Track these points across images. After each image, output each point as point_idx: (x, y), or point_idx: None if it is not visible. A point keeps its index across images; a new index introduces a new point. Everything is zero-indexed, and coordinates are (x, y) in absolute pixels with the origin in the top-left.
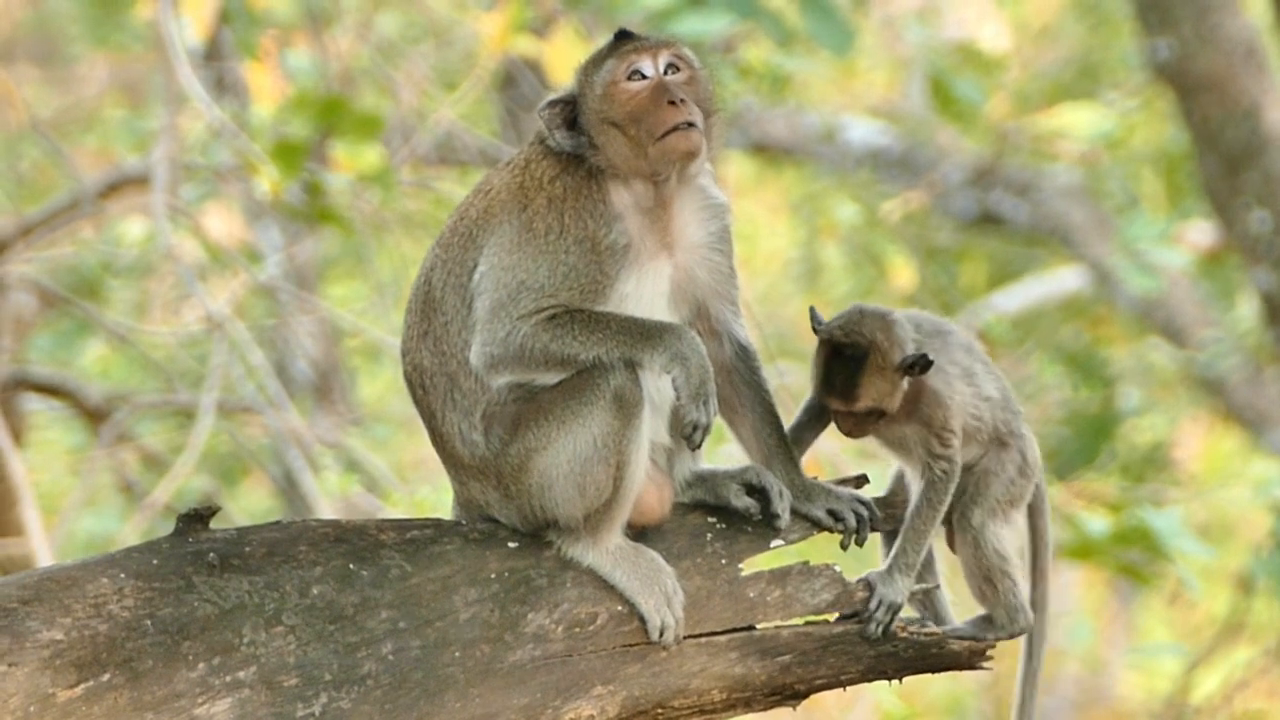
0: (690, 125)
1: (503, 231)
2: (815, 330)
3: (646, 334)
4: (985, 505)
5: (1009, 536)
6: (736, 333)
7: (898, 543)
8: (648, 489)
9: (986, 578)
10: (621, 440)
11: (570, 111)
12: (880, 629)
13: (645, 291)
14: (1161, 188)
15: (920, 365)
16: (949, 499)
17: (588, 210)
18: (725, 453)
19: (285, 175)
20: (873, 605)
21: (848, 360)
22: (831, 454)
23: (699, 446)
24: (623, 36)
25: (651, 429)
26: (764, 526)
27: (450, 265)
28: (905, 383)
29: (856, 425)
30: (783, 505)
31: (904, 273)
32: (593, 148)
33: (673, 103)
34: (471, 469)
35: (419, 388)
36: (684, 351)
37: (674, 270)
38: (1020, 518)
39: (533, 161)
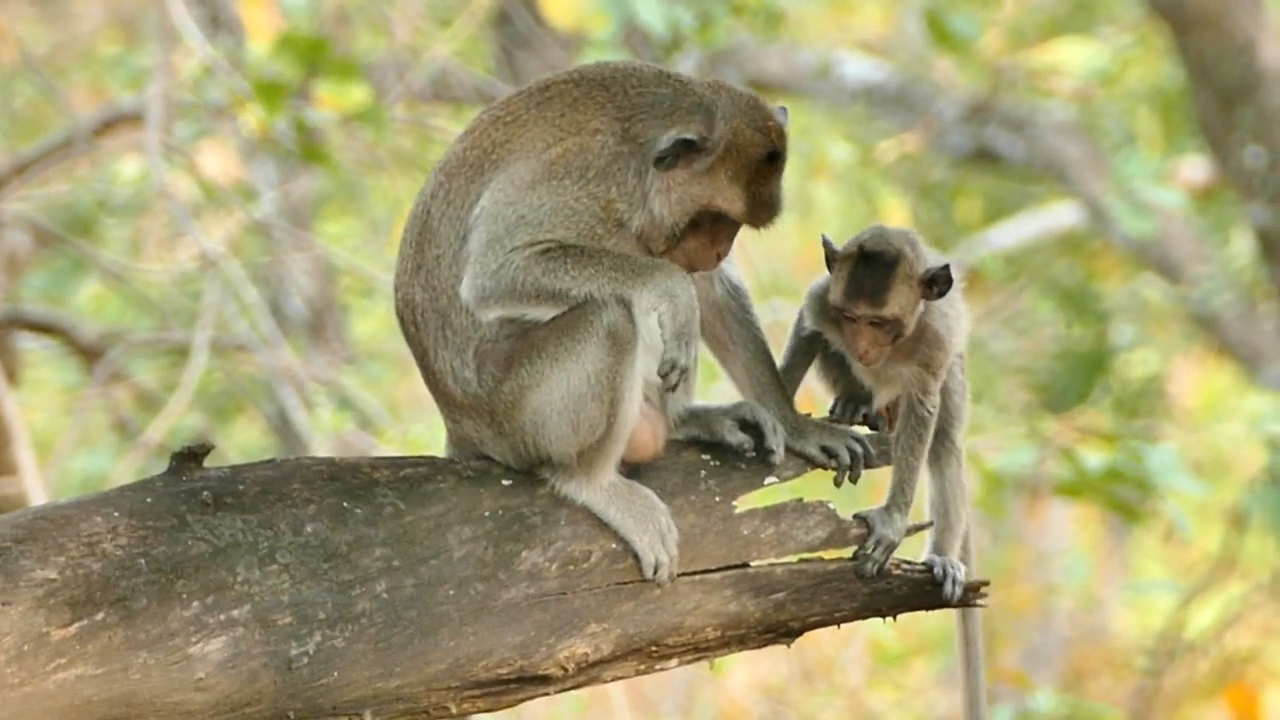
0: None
1: (516, 167)
2: (830, 254)
3: (638, 271)
4: (962, 422)
5: None
6: (728, 271)
7: (892, 482)
8: (641, 425)
9: (965, 500)
10: (615, 377)
11: (693, 153)
12: (876, 568)
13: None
14: (1157, 124)
15: (942, 281)
16: (931, 434)
17: (618, 180)
18: (719, 390)
19: (269, 114)
20: (870, 544)
21: (877, 266)
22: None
23: (673, 388)
24: (774, 158)
25: (645, 366)
26: (758, 463)
27: (451, 195)
28: (922, 305)
29: (874, 343)
30: (777, 441)
31: (897, 212)
32: (709, 154)
33: (720, 254)
34: (464, 406)
35: (411, 324)
36: (673, 289)
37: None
38: None
39: (580, 104)
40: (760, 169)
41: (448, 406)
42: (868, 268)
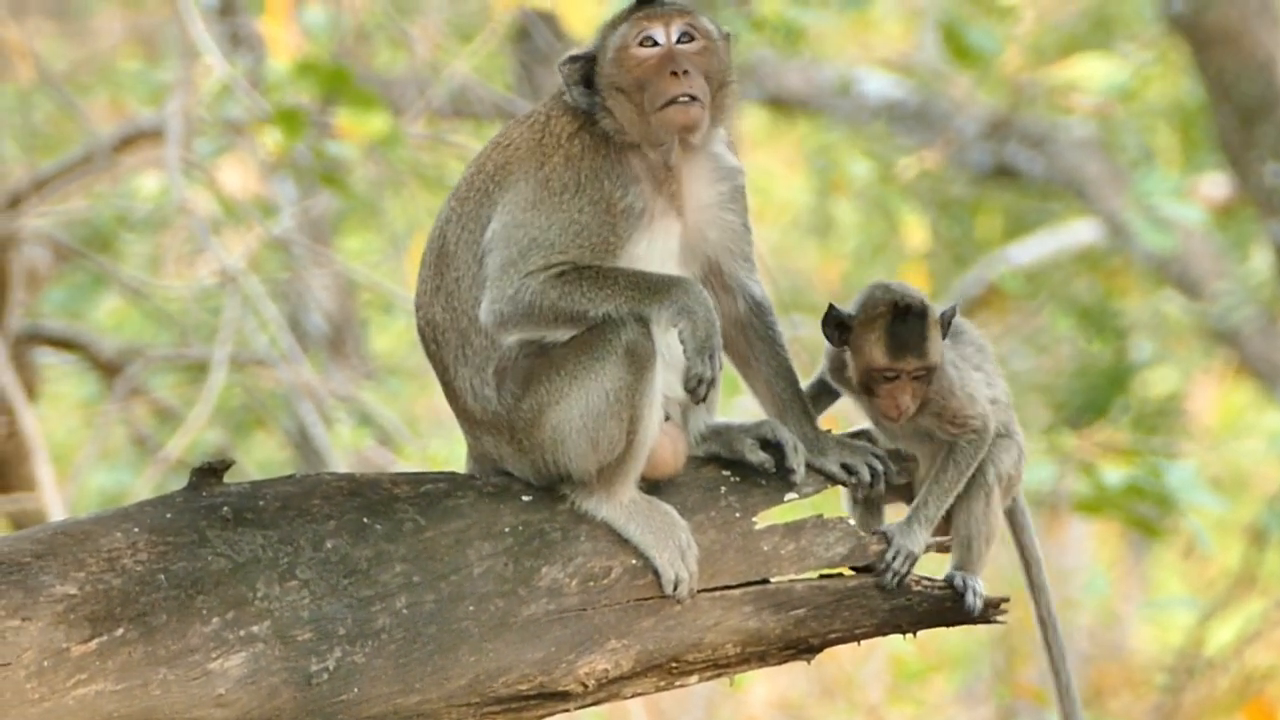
0: (691, 99)
1: (518, 188)
2: (841, 319)
3: (654, 288)
4: (998, 469)
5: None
6: (750, 288)
7: (920, 497)
8: (661, 442)
9: (987, 540)
10: (634, 394)
11: (589, 69)
12: (896, 580)
13: (655, 252)
14: (1176, 141)
15: (949, 315)
16: (974, 466)
17: (604, 170)
18: (741, 405)
19: (288, 139)
20: (890, 555)
21: (912, 319)
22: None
23: (703, 400)
24: (642, 1)
25: (665, 383)
26: (778, 480)
27: (465, 220)
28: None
29: (915, 395)
30: (797, 460)
31: (916, 230)
32: (604, 110)
33: (675, 74)
34: (484, 423)
35: (432, 342)
36: (690, 305)
37: (684, 230)
38: (1007, 503)
39: (553, 117)
40: (632, 15)
41: (468, 423)
42: (904, 322)
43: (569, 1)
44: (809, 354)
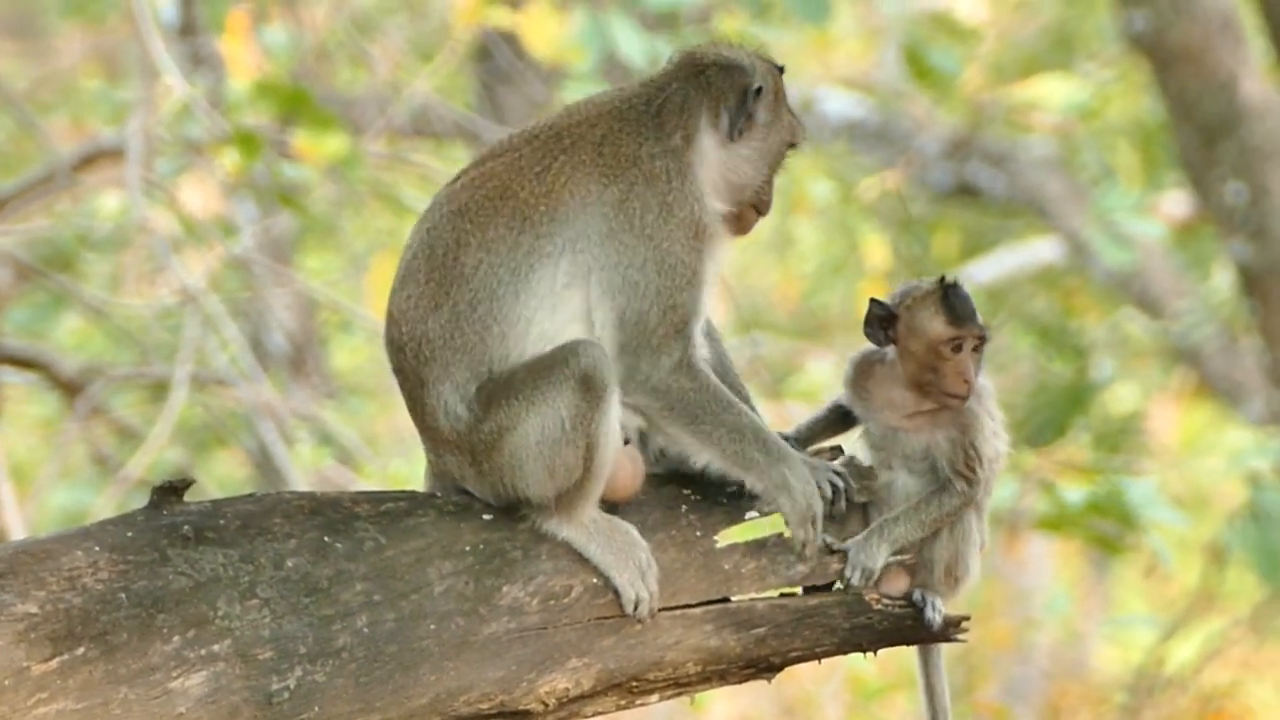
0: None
1: (584, 220)
2: (890, 311)
3: (778, 454)
4: (984, 503)
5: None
6: None
7: (890, 515)
8: (621, 465)
9: (967, 563)
10: (589, 423)
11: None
12: (852, 593)
13: (714, 276)
14: (1137, 159)
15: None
16: (953, 514)
17: (692, 196)
18: None
19: (245, 159)
20: (848, 571)
21: (963, 292)
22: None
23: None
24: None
25: (621, 411)
26: (738, 498)
27: (491, 244)
28: None
29: (976, 365)
30: None
31: (877, 247)
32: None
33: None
34: (450, 442)
35: (413, 356)
36: (791, 483)
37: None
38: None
39: (617, 137)
40: (783, 88)
41: (432, 440)
42: (957, 295)
43: (530, 21)
44: (770, 372)
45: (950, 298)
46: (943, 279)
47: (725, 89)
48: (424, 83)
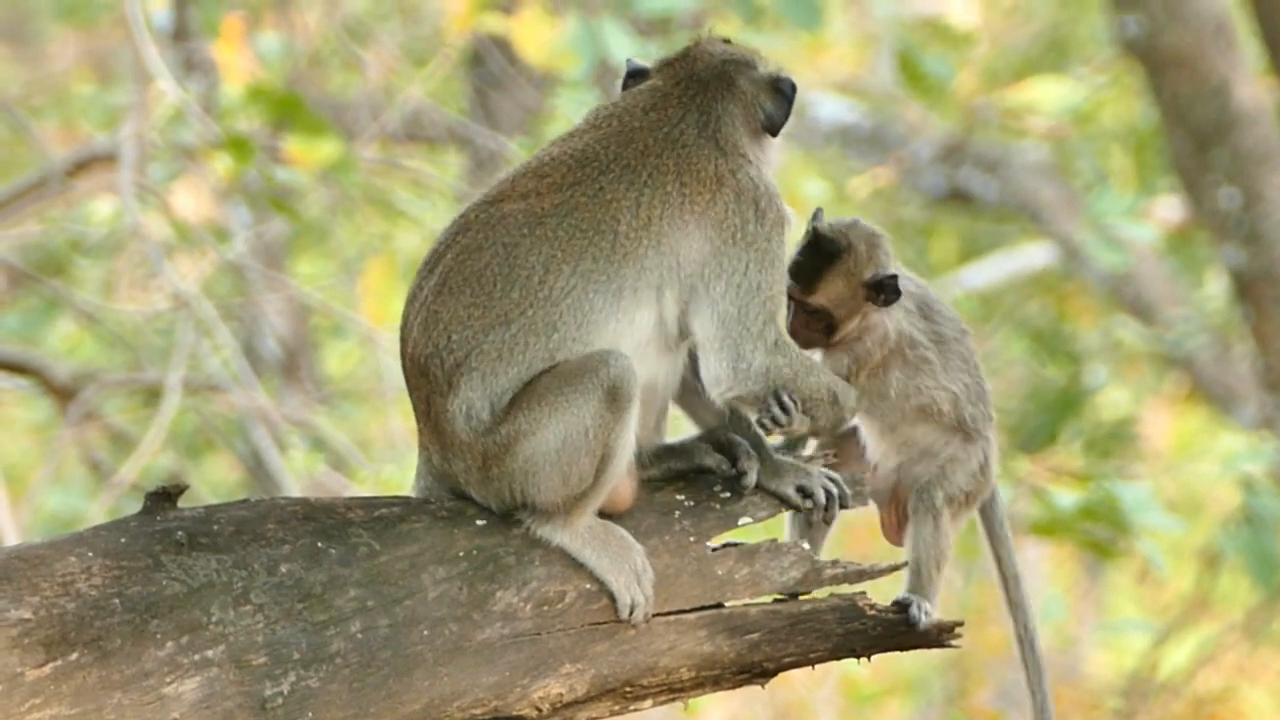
0: None
1: (688, 247)
2: (812, 223)
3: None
4: (947, 490)
5: (954, 536)
6: None
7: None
8: (624, 479)
9: (937, 564)
10: (611, 433)
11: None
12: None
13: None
14: (1130, 164)
15: (887, 290)
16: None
17: (775, 202)
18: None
19: (238, 165)
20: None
21: (822, 253)
22: None
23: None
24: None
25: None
26: (732, 504)
27: (589, 274)
28: (866, 306)
29: (803, 326)
30: (750, 464)
31: None
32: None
33: None
34: (463, 444)
35: (453, 364)
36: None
37: None
38: (967, 519)
39: (694, 155)
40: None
41: (443, 444)
42: (814, 251)
43: (523, 26)
44: None
45: (804, 250)
46: (816, 229)
47: (756, 90)
48: (417, 88)
